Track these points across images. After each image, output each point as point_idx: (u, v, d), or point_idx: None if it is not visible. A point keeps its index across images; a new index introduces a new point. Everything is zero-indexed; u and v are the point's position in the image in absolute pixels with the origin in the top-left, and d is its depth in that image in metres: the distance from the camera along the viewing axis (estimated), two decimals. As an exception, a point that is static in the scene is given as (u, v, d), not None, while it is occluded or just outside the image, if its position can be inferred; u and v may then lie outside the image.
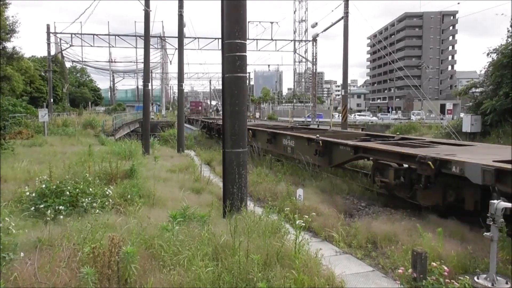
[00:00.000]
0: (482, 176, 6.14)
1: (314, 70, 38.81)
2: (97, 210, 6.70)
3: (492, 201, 4.69)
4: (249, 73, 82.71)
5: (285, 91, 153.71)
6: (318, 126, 25.92)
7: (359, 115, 66.74)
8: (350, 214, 8.10)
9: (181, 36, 18.96)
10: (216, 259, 4.71)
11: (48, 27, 35.32)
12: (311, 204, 8.04)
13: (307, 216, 5.32)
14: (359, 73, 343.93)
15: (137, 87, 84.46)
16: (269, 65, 63.61)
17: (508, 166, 5.96)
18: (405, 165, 8.12)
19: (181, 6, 17.84)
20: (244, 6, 6.94)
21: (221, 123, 7.91)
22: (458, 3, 60.54)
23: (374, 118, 63.29)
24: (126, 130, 38.92)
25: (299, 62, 70.50)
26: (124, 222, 5.88)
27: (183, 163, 14.08)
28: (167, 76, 79.21)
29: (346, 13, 19.43)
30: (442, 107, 63.14)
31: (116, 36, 40.99)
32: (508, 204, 4.64)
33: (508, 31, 20.83)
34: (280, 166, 12.90)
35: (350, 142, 10.38)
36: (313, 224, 7.03)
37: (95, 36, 40.14)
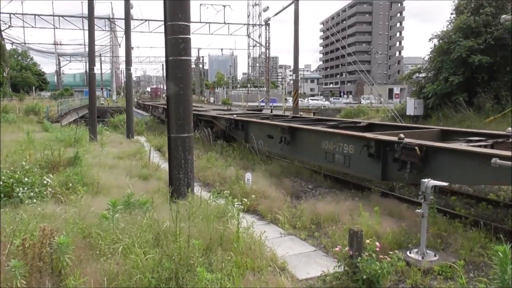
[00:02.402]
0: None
1: (268, 55, 38.85)
2: (34, 200, 6.41)
3: (423, 179, 4.94)
4: (202, 57, 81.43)
5: (240, 76, 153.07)
6: (271, 111, 26.13)
7: (312, 100, 67.84)
8: (297, 196, 8.26)
9: (127, 17, 18.25)
10: (158, 245, 4.65)
11: (-18, 6, 32.74)
12: (259, 187, 8.10)
13: (246, 199, 5.37)
14: (313, 58, 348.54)
15: (86, 71, 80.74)
16: (222, 49, 63.09)
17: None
18: None
19: (127, -14, 17.14)
20: (187, -13, 6.75)
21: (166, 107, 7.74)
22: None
23: (327, 102, 64.57)
24: (74, 116, 37.23)
25: (253, 46, 70.13)
26: (63, 212, 5.66)
27: (132, 149, 13.71)
28: (117, 60, 76.41)
29: (297, -3, 19.55)
30: (390, 91, 65.53)
31: (61, 17, 38.90)
32: (438, 183, 4.91)
33: (452, 14, 21.80)
34: (230, 151, 12.89)
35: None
36: (260, 207, 7.11)
37: (36, 16, 37.90)
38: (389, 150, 7.02)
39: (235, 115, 14.26)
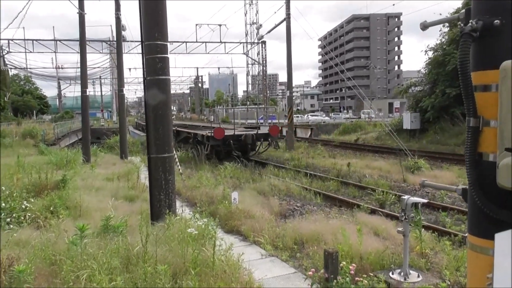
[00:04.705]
0: None
1: (264, 72, 39.03)
2: (11, 226, 6.27)
3: (403, 196, 4.76)
4: (201, 76, 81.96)
5: (240, 93, 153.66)
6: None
7: (312, 116, 67.81)
8: (284, 215, 8.06)
9: (119, 39, 18.36)
10: (128, 271, 4.47)
11: (-19, 32, 33.20)
12: (245, 206, 7.91)
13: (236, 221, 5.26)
14: (313, 74, 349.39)
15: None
16: (219, 68, 63.31)
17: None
18: None
19: (117, 8, 17.24)
20: (164, 6, 6.72)
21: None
22: (393, 5, 63.01)
23: (327, 118, 64.55)
24: (74, 138, 37.18)
25: (252, 64, 70.66)
26: (39, 237, 5.51)
27: (123, 170, 13.58)
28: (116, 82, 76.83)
29: (288, 14, 19.61)
30: (390, 105, 65.48)
31: (59, 41, 39.29)
32: (418, 199, 4.73)
33: (440, 30, 21.85)
34: (222, 169, 12.74)
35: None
36: (243, 227, 6.91)
37: (35, 41, 38.32)
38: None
39: None
